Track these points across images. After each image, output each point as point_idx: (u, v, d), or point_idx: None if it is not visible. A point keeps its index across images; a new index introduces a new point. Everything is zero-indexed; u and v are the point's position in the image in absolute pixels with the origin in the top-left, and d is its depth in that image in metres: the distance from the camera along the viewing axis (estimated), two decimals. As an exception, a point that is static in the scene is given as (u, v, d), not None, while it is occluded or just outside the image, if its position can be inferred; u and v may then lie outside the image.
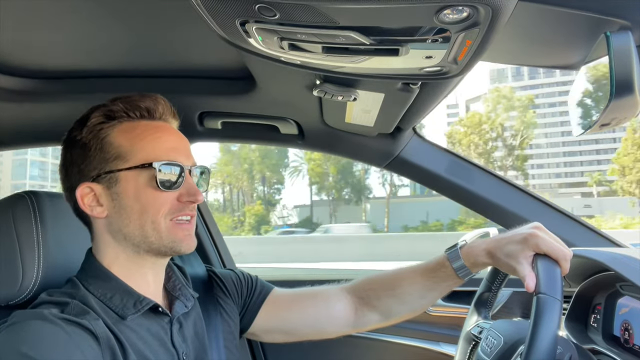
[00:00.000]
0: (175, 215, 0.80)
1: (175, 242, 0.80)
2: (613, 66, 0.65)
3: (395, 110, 1.10)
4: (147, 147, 0.79)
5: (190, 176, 0.82)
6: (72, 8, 0.84)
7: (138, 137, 0.80)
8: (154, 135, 0.81)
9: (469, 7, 0.52)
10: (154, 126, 0.82)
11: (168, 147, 0.81)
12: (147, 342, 0.78)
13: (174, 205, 0.80)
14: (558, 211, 1.36)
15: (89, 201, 0.80)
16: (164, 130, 0.83)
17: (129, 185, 0.79)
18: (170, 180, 0.79)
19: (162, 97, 0.85)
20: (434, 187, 1.43)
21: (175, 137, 0.84)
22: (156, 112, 0.83)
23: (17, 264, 0.84)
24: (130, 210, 0.79)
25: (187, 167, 0.82)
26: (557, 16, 0.71)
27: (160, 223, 0.79)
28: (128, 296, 0.79)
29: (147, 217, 0.78)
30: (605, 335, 0.98)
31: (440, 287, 0.95)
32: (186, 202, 0.81)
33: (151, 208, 0.78)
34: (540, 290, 0.74)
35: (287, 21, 0.58)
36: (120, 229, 0.79)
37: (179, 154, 0.81)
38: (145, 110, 0.82)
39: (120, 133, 0.80)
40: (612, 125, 0.75)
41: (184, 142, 0.85)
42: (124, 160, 0.79)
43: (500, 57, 0.92)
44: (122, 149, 0.79)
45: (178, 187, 0.80)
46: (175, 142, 0.83)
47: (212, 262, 1.74)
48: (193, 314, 0.90)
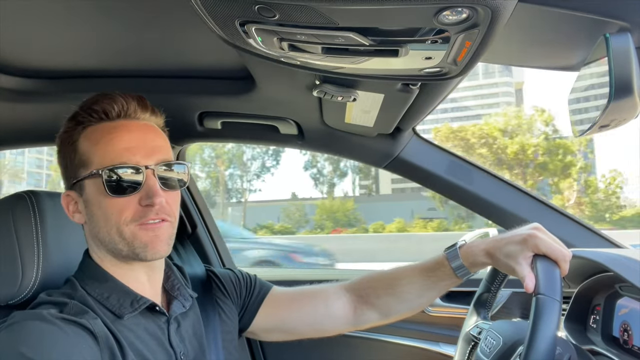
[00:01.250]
0: (139, 222, 0.76)
1: (140, 248, 0.76)
2: (612, 68, 0.65)
3: (395, 111, 1.10)
4: (99, 152, 0.77)
5: (154, 176, 0.77)
6: (72, 8, 0.84)
7: (94, 141, 0.78)
8: (107, 138, 0.77)
9: (469, 9, 0.52)
10: (110, 127, 0.78)
11: (122, 147, 0.76)
12: (145, 341, 0.78)
13: (137, 210, 0.76)
14: (558, 212, 1.36)
15: (72, 208, 0.81)
16: (119, 130, 0.78)
17: (92, 193, 0.77)
18: (123, 185, 0.75)
19: (124, 94, 0.81)
20: (433, 188, 1.43)
21: (134, 135, 0.78)
22: (112, 112, 0.79)
23: (16, 263, 0.84)
24: (96, 217, 0.78)
25: (143, 166, 0.76)
26: (557, 17, 0.71)
27: (124, 230, 0.76)
28: (125, 296, 0.79)
29: (111, 224, 0.76)
30: (605, 336, 0.98)
31: (439, 286, 0.95)
32: (146, 205, 0.76)
33: (112, 215, 0.76)
34: (540, 291, 0.74)
35: (286, 22, 0.58)
36: (95, 235, 0.79)
37: (134, 153, 0.76)
38: (102, 112, 0.79)
39: (84, 139, 0.79)
40: (612, 127, 0.75)
41: (145, 138, 0.79)
42: (85, 167, 0.78)
43: (500, 58, 0.92)
44: (85, 155, 0.78)
45: (136, 190, 0.76)
46: (131, 141, 0.77)
47: (212, 262, 1.74)
48: (191, 314, 0.90)
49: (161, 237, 0.78)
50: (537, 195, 1.39)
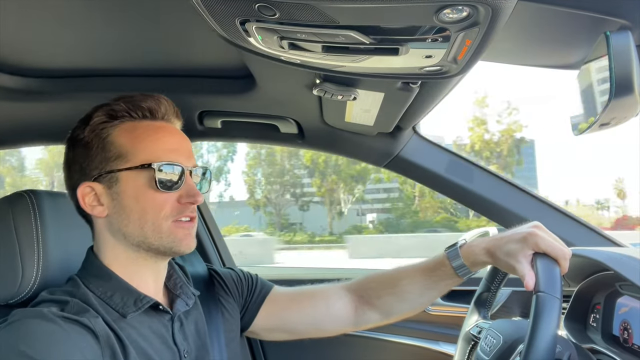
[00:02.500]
0: (176, 217, 0.80)
1: (175, 242, 0.80)
2: (613, 66, 0.66)
3: (395, 110, 1.10)
4: (148, 148, 0.79)
5: (191, 177, 0.82)
6: (72, 8, 0.84)
7: (139, 137, 0.80)
8: (155, 136, 0.81)
9: (469, 7, 0.52)
10: (156, 127, 0.82)
11: (169, 147, 0.81)
12: (149, 339, 0.78)
13: (175, 207, 0.80)
14: (558, 210, 1.36)
15: (89, 200, 0.80)
16: (165, 131, 0.83)
17: (129, 186, 0.78)
18: (170, 181, 0.79)
19: (165, 98, 0.85)
20: (433, 187, 1.43)
21: (177, 138, 0.84)
22: (158, 112, 0.83)
23: (16, 262, 0.84)
24: (130, 210, 0.78)
25: (187, 168, 0.81)
26: (557, 16, 0.71)
27: (161, 224, 0.79)
28: (128, 294, 0.79)
29: (148, 218, 0.78)
30: (605, 335, 0.98)
31: (440, 285, 0.95)
32: (186, 203, 0.80)
33: (151, 209, 0.78)
34: (540, 288, 0.74)
35: (287, 20, 0.58)
36: (120, 229, 0.79)
37: (179, 155, 0.81)
38: (148, 110, 0.82)
39: (122, 133, 0.80)
40: (612, 125, 0.75)
41: (185, 143, 0.85)
42: (125, 160, 0.79)
43: (500, 56, 0.92)
44: (123, 148, 0.79)
45: (178, 188, 0.80)
46: (176, 143, 0.83)
47: (212, 261, 1.74)
48: (194, 313, 0.90)
49: (192, 234, 0.83)
50: (537, 194, 1.39)
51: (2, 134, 1.41)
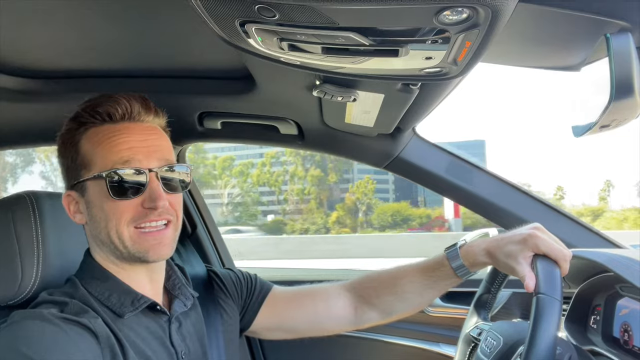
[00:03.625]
0: (138, 223, 0.76)
1: (141, 252, 0.77)
2: (613, 68, 0.65)
3: (395, 111, 1.10)
4: (103, 154, 0.77)
5: (157, 178, 0.77)
6: (73, 8, 0.83)
7: (97, 143, 0.78)
8: (111, 140, 0.77)
9: (469, 8, 0.52)
10: (114, 130, 0.78)
11: (125, 150, 0.76)
12: (146, 340, 0.78)
13: (137, 212, 0.76)
14: (558, 212, 1.36)
15: (72, 208, 0.81)
16: (122, 133, 0.78)
17: (94, 195, 0.78)
18: (125, 187, 0.75)
19: (128, 95, 0.81)
20: (433, 188, 1.43)
21: (138, 137, 0.78)
22: (116, 114, 0.79)
23: (16, 264, 0.84)
24: (98, 218, 0.78)
25: (147, 169, 0.76)
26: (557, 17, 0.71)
27: (123, 232, 0.76)
28: (126, 295, 0.79)
29: (111, 226, 0.76)
30: (605, 337, 0.98)
31: (439, 285, 0.95)
32: (148, 208, 0.76)
33: (113, 217, 0.76)
34: (540, 290, 0.74)
35: (286, 22, 0.58)
36: (96, 236, 0.79)
37: (139, 155, 0.77)
38: (106, 114, 0.79)
39: (86, 140, 0.79)
40: (612, 127, 0.75)
41: (149, 140, 0.79)
42: (88, 169, 0.78)
43: (500, 58, 0.91)
44: (87, 157, 0.78)
45: (140, 193, 0.76)
46: (135, 144, 0.77)
47: (212, 261, 1.74)
48: (193, 314, 0.90)
49: (164, 241, 0.79)
50: (537, 195, 1.39)
51: (2, 134, 1.41)
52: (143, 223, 0.77)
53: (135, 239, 0.77)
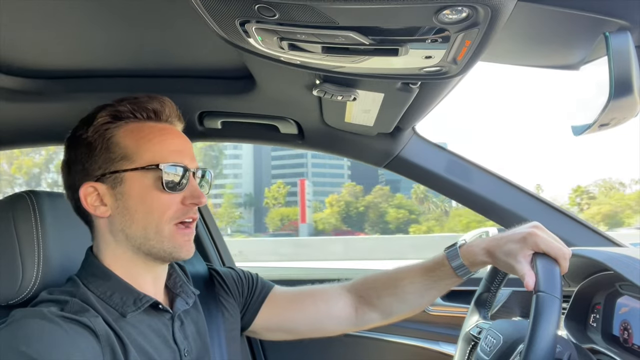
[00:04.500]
0: (180, 219, 0.81)
1: (175, 248, 0.80)
2: (612, 66, 0.66)
3: (395, 110, 1.10)
4: (153, 149, 0.80)
5: (194, 178, 0.83)
6: (73, 8, 0.84)
7: (144, 138, 0.80)
8: (160, 137, 0.81)
9: (468, 8, 0.52)
10: (160, 128, 0.83)
11: (173, 149, 0.81)
12: (149, 338, 0.78)
13: (179, 208, 0.80)
14: (558, 210, 1.36)
15: (92, 200, 0.80)
16: (169, 133, 0.83)
17: (134, 186, 0.79)
18: (175, 182, 0.80)
19: (169, 100, 0.86)
20: (433, 187, 1.43)
21: (181, 140, 0.85)
22: (163, 114, 0.84)
23: (17, 263, 0.84)
24: (134, 211, 0.79)
25: (191, 169, 0.82)
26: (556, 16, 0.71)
27: (164, 227, 0.79)
28: (128, 294, 0.79)
29: (152, 219, 0.78)
30: (605, 335, 0.98)
31: (440, 285, 0.96)
32: (190, 204, 0.81)
33: (156, 210, 0.79)
34: (540, 288, 0.74)
35: (286, 21, 0.58)
36: (122, 229, 0.79)
37: (183, 156, 0.82)
38: (152, 112, 0.83)
39: (126, 133, 0.80)
40: (611, 126, 0.75)
41: (188, 145, 0.86)
42: (130, 160, 0.79)
43: (500, 57, 0.92)
44: (128, 149, 0.79)
45: (182, 189, 0.81)
46: (180, 145, 0.83)
47: (212, 261, 1.74)
48: (194, 312, 0.91)
49: (192, 240, 0.84)
50: (537, 194, 1.39)
51: (2, 134, 1.41)
52: (183, 219, 0.81)
53: (173, 235, 0.80)
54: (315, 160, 75.60)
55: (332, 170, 76.63)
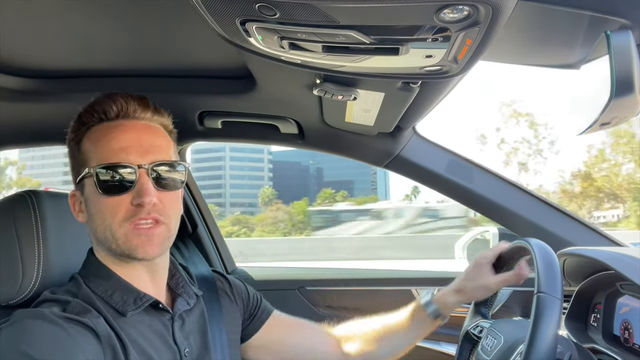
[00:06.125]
0: (133, 220, 0.76)
1: (131, 250, 0.76)
2: (613, 65, 0.65)
3: (396, 110, 1.10)
4: (98, 151, 0.78)
5: (148, 175, 0.77)
6: (72, 8, 0.83)
7: (94, 141, 0.79)
8: (105, 138, 0.78)
9: (469, 6, 0.52)
10: (109, 127, 0.79)
11: (117, 147, 0.77)
12: (148, 338, 0.78)
13: (129, 210, 0.76)
14: (559, 210, 1.36)
15: (77, 207, 0.82)
16: (116, 130, 0.78)
17: (89, 192, 0.79)
18: (115, 184, 0.75)
19: (125, 94, 0.81)
20: (434, 187, 1.43)
21: (129, 135, 0.78)
22: (110, 112, 0.79)
23: (17, 263, 0.84)
24: (94, 217, 0.78)
25: (136, 166, 0.76)
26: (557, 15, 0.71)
27: (116, 230, 0.76)
28: (128, 293, 0.79)
29: (106, 223, 0.76)
30: (605, 335, 0.98)
31: (419, 332, 1.05)
32: (137, 205, 0.75)
33: (106, 214, 0.76)
34: (541, 289, 0.74)
35: (287, 20, 0.58)
36: (94, 234, 0.80)
37: (130, 153, 0.77)
38: (102, 112, 0.80)
39: (87, 139, 0.80)
40: (612, 125, 0.75)
41: (141, 137, 0.79)
42: (85, 166, 0.79)
43: (501, 56, 0.91)
44: (86, 155, 0.79)
45: (128, 190, 0.76)
46: (127, 141, 0.77)
47: (213, 261, 1.74)
48: (196, 312, 0.90)
49: (154, 240, 0.77)
50: (538, 194, 1.39)
51: (2, 134, 1.41)
52: (135, 221, 0.76)
53: (129, 237, 0.76)
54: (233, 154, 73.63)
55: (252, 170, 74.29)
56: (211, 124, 1.36)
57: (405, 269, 1.75)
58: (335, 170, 78.46)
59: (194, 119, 1.33)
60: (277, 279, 1.74)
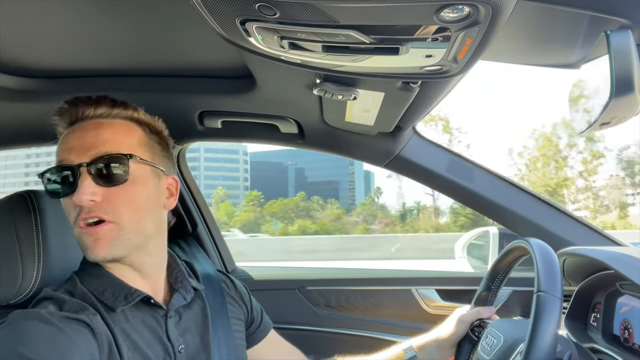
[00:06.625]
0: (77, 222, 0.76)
1: (85, 250, 0.77)
2: (613, 65, 0.65)
3: (396, 109, 1.10)
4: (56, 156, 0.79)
5: (87, 173, 0.74)
6: (73, 7, 0.83)
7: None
8: (60, 141, 0.80)
9: (469, 6, 0.52)
10: (66, 133, 0.81)
11: (64, 148, 0.78)
12: (141, 334, 0.78)
13: (76, 211, 0.76)
14: (559, 210, 1.36)
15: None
16: (69, 133, 0.80)
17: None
18: (58, 186, 0.77)
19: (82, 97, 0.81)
20: (434, 186, 1.43)
21: (74, 135, 0.78)
22: (72, 115, 0.81)
23: (17, 263, 0.83)
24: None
25: (76, 165, 0.75)
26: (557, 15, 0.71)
27: (74, 231, 0.78)
28: (120, 289, 0.79)
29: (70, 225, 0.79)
30: (605, 334, 0.98)
31: None
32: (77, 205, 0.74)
33: (67, 217, 0.79)
34: (540, 288, 0.74)
35: (287, 20, 0.58)
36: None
37: (71, 152, 0.76)
38: (67, 117, 0.82)
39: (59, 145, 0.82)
40: (612, 124, 0.75)
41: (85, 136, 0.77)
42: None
43: (500, 56, 0.92)
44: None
45: (71, 191, 0.75)
46: (73, 141, 0.77)
47: (213, 261, 1.74)
48: (196, 308, 0.90)
49: (102, 240, 0.75)
50: (538, 193, 1.39)
51: (2, 134, 1.41)
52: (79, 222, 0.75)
53: (80, 237, 0.76)
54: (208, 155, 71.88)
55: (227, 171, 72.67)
56: (211, 124, 1.36)
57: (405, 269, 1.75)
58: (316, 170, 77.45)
59: (193, 118, 1.33)
60: (277, 279, 1.74)
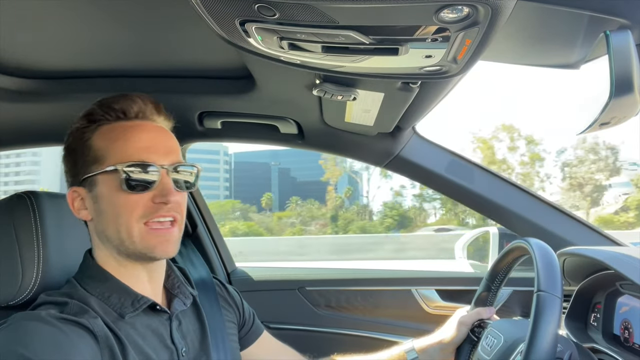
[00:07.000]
0: (149, 218, 0.77)
1: (147, 249, 0.78)
2: (613, 65, 0.65)
3: (395, 110, 1.10)
4: (118, 149, 0.78)
5: (168, 175, 0.79)
6: (73, 8, 0.84)
7: (112, 139, 0.79)
8: (126, 136, 0.79)
9: (469, 6, 0.52)
10: (128, 126, 0.81)
11: (140, 146, 0.79)
12: (147, 339, 0.78)
13: (148, 208, 0.78)
14: (558, 210, 1.36)
15: (77, 204, 0.82)
16: (138, 130, 0.81)
17: (104, 189, 0.79)
18: (139, 182, 0.77)
19: (142, 95, 0.83)
20: (433, 187, 1.43)
21: (151, 135, 0.81)
22: (130, 111, 0.81)
23: (16, 264, 0.84)
24: (106, 213, 0.79)
25: (159, 166, 0.79)
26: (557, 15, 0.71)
27: (133, 227, 0.77)
28: (126, 295, 0.79)
29: (121, 221, 0.77)
30: (605, 334, 0.98)
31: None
32: (159, 203, 0.78)
33: (123, 212, 0.77)
34: (541, 288, 0.74)
35: (286, 21, 0.58)
36: (102, 232, 0.80)
37: (152, 152, 0.79)
38: (120, 111, 0.81)
39: (99, 136, 0.80)
40: (612, 125, 0.75)
41: (161, 139, 0.82)
42: (100, 163, 0.79)
43: (500, 56, 0.92)
44: (99, 152, 0.79)
45: (150, 188, 0.78)
46: (149, 141, 0.80)
47: (213, 262, 1.74)
48: (194, 313, 0.91)
49: (171, 239, 0.80)
50: (538, 193, 1.39)
51: (2, 134, 1.41)
52: (153, 218, 0.78)
53: (144, 235, 0.77)
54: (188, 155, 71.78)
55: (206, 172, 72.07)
56: (211, 124, 1.37)
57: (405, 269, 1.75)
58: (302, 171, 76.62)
59: (193, 119, 1.33)
60: (277, 279, 1.74)
